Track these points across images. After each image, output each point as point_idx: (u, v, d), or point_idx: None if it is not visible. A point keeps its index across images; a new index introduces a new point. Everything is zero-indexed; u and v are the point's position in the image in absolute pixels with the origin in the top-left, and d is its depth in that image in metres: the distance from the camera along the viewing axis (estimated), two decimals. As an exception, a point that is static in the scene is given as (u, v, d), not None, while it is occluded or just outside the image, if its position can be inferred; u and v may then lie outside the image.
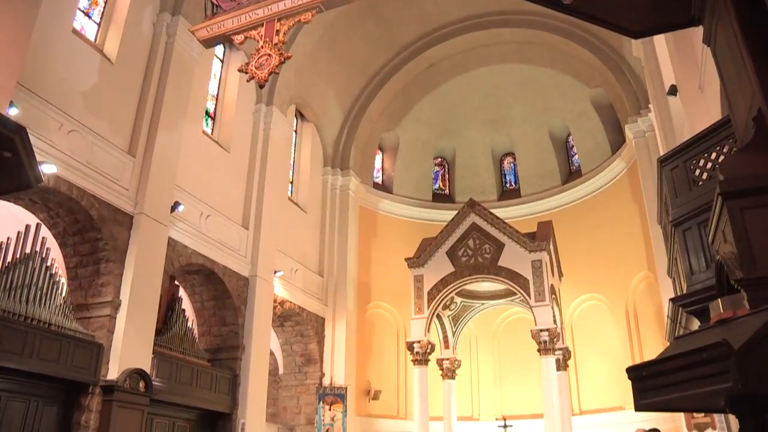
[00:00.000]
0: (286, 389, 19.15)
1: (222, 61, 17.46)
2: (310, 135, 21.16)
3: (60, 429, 10.95)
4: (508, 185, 24.26)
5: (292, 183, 20.21)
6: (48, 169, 10.37)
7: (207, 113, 16.43)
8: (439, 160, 24.76)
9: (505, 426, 17.45)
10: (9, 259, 10.44)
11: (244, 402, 14.92)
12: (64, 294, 11.40)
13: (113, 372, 11.31)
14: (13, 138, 5.87)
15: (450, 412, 18.31)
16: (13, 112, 8.98)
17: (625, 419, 16.20)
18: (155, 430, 12.99)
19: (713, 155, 6.38)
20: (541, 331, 16.23)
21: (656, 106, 13.52)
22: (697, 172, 6.68)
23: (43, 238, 11.14)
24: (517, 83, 22.45)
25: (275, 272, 17.05)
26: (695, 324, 7.12)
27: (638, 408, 2.86)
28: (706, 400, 2.84)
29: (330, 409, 18.16)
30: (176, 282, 14.70)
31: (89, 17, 12.99)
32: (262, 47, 6.01)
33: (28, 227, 10.91)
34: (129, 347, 11.66)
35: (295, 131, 20.85)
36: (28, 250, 10.73)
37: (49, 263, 11.05)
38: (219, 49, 17.26)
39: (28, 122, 8.63)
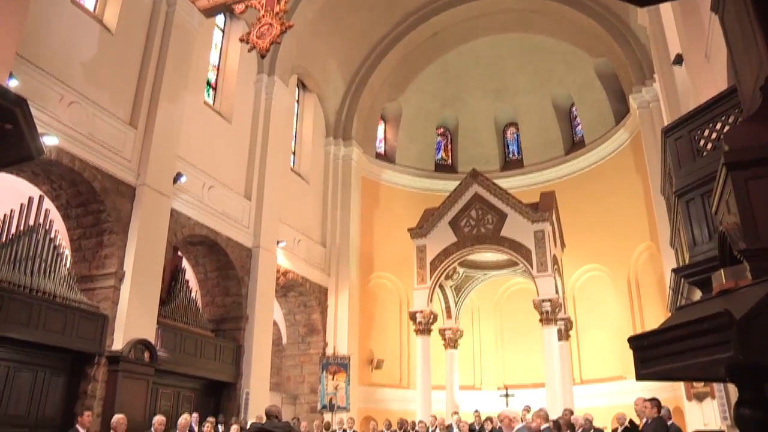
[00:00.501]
0: (289, 359, 19.35)
1: (223, 31, 17.29)
2: (312, 105, 21.05)
3: (67, 398, 11.10)
4: (511, 155, 24.19)
5: (294, 153, 20.15)
6: (49, 141, 10.35)
7: (208, 84, 16.33)
8: (442, 130, 24.65)
9: (506, 395, 17.62)
10: (13, 231, 10.48)
11: (248, 372, 15.09)
12: (68, 266, 11.46)
13: (118, 343, 11.43)
14: (13, 110, 5.83)
15: (452, 382, 18.47)
16: (12, 84, 8.92)
17: (625, 389, 16.36)
18: (161, 400, 13.15)
19: (718, 125, 6.32)
20: (543, 301, 16.31)
21: (661, 76, 13.40)
22: (702, 142, 6.63)
23: (46, 210, 11.17)
24: (520, 52, 22.22)
25: (278, 243, 17.11)
26: (697, 295, 7.14)
27: (639, 377, 2.87)
28: (706, 370, 2.86)
29: (333, 379, 18.35)
30: (179, 253, 14.77)
31: (88, -14, 12.84)
32: (263, 16, 5.95)
33: (31, 199, 10.93)
34: (133, 318, 11.76)
35: (297, 101, 20.73)
36: (31, 223, 10.76)
37: (52, 235, 11.09)
38: (220, 19, 17.08)
39: (28, 94, 8.57)
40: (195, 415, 11.91)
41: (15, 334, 9.96)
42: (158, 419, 9.20)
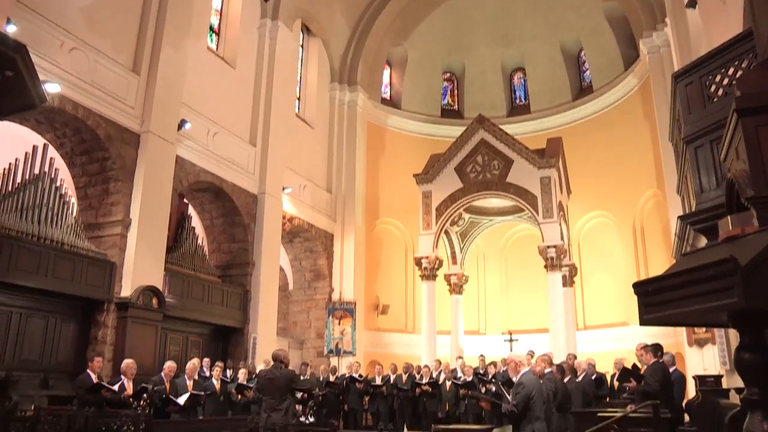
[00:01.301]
0: (296, 304, 19.60)
1: (224, -26, 16.92)
2: (317, 50, 20.74)
3: (78, 344, 11.33)
4: (517, 101, 23.89)
5: (299, 99, 19.96)
6: (52, 88, 10.25)
7: (211, 29, 16.07)
8: (448, 75, 24.30)
9: (511, 340, 17.87)
10: (18, 180, 10.50)
11: (255, 317, 15.31)
12: (74, 214, 11.52)
13: (126, 289, 11.57)
14: (14, 56, 5.76)
15: (457, 327, 18.71)
16: (11, 30, 8.80)
17: (628, 334, 16.52)
18: (170, 345, 13.39)
19: (731, 71, 6.20)
20: (549, 247, 16.35)
21: (673, 19, 13.07)
22: (713, 88, 6.52)
23: (51, 158, 11.16)
24: (528, -5, 21.72)
25: (283, 189, 17.11)
26: (703, 242, 7.15)
27: (643, 322, 2.88)
28: (709, 316, 2.87)
29: (339, 324, 18.63)
30: (185, 200, 14.81)
31: (85, -73, 12.50)
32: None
33: (35, 148, 10.91)
34: (141, 265, 11.87)
35: (302, 46, 20.43)
36: (36, 171, 10.78)
37: (58, 183, 11.12)
38: (221, -39, 16.69)
39: (28, 40, 8.42)
40: (206, 359, 12.10)
41: (25, 282, 10.11)
42: (169, 365, 9.40)
